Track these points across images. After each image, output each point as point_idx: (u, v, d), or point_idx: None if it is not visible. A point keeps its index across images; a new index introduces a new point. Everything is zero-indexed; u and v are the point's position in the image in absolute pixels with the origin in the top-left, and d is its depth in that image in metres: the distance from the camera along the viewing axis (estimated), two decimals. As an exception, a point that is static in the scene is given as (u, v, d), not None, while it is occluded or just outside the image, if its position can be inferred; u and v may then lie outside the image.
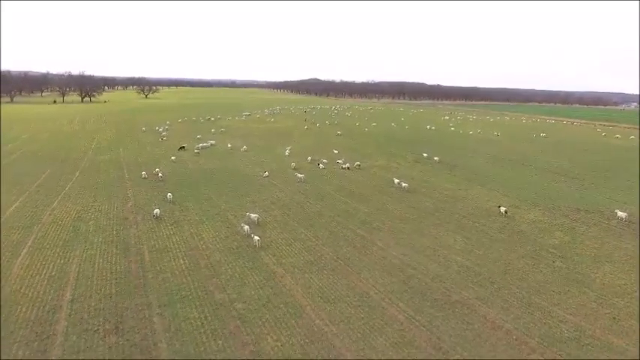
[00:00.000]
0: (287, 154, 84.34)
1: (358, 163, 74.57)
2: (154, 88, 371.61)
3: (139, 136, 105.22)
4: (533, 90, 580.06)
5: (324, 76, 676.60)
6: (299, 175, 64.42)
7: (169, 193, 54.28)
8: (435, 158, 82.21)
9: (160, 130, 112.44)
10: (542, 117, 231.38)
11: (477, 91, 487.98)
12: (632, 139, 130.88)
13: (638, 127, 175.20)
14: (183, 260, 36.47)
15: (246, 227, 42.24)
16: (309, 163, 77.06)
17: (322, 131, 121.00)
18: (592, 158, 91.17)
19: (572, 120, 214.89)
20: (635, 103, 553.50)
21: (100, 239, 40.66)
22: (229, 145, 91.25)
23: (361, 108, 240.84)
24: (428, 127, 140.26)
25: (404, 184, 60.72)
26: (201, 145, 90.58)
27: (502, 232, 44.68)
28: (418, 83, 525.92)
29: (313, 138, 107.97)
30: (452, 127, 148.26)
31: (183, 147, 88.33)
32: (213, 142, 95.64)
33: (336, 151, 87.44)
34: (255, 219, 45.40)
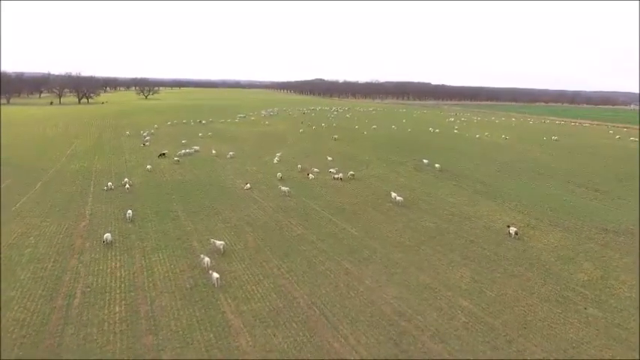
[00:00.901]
0: (276, 161, 76.91)
1: (352, 172, 66.97)
2: (155, 88, 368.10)
3: (120, 142, 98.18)
4: (540, 90, 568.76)
5: (329, 76, 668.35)
6: (284, 188, 56.96)
7: (130, 211, 47.06)
8: (437, 165, 74.51)
9: (145, 134, 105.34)
10: (550, 118, 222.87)
11: (483, 91, 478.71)
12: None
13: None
14: (120, 306, 29.10)
15: (206, 260, 34.83)
16: (298, 172, 69.60)
17: (318, 135, 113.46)
18: (611, 165, 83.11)
19: (581, 121, 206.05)
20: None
21: (29, 275, 33.38)
22: (214, 152, 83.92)
23: (362, 109, 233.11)
24: (431, 129, 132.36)
25: (399, 198, 53.18)
26: (183, 151, 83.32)
27: (518, 262, 36.98)
28: (423, 83, 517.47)
29: (307, 143, 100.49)
30: (456, 129, 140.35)
31: (164, 154, 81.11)
32: (197, 148, 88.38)
33: (330, 158, 79.93)
34: (221, 247, 38.00)
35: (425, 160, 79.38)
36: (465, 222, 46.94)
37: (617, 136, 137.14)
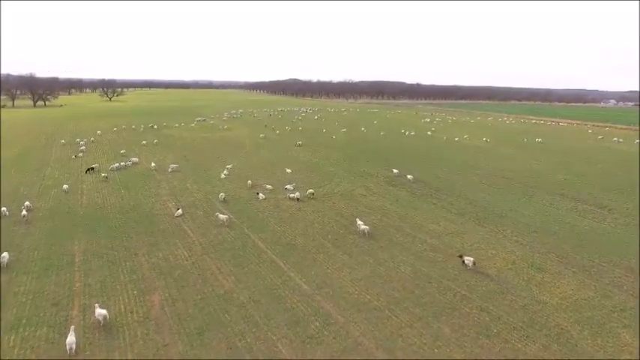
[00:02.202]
0: (224, 175, 64.66)
1: (311, 190, 55.29)
2: (119, 90, 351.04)
3: (51, 152, 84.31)
4: (513, 88, 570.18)
5: (305, 76, 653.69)
6: (222, 216, 44.84)
7: (5, 254, 34.54)
8: (409, 177, 63.77)
9: (81, 143, 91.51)
10: (527, 117, 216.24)
11: (458, 90, 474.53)
12: (637, 143, 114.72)
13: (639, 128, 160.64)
14: None
15: (70, 344, 22.95)
16: (248, 189, 57.69)
17: (280, 141, 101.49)
18: (608, 173, 73.90)
19: (558, 120, 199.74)
20: (613, 100, 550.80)
21: None
22: (153, 164, 71.06)
23: (334, 109, 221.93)
24: (406, 132, 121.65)
25: (364, 228, 41.95)
26: (117, 165, 70.23)
27: (532, 335, 25.94)
28: (397, 82, 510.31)
29: (266, 151, 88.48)
30: (433, 130, 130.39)
31: (92, 168, 67.88)
32: (135, 159, 75.37)
33: (289, 171, 68.23)
34: (101, 317, 25.95)
35: (395, 170, 68.58)
36: (452, 262, 35.85)
37: (600, 137, 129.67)
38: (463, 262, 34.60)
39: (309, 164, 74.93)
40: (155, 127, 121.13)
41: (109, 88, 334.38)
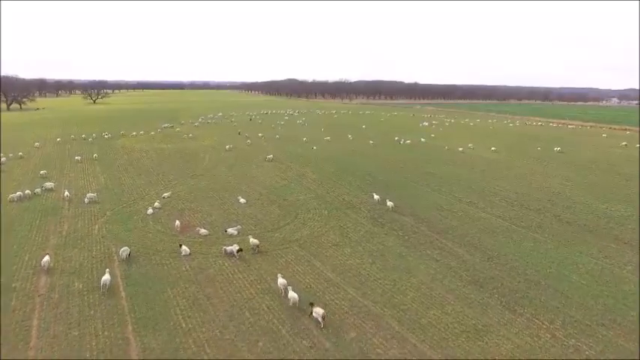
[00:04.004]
0: (151, 210, 47.78)
1: (256, 241, 37.97)
2: (104, 92, 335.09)
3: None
4: (512, 87, 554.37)
5: (304, 76, 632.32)
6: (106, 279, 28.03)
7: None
8: (389, 203, 47.14)
9: (3, 159, 74.45)
10: (531, 118, 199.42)
11: (456, 89, 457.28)
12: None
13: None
14: None
15: None
16: (174, 234, 40.89)
17: (249, 153, 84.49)
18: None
19: (565, 122, 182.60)
20: (615, 99, 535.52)
21: None
22: (67, 194, 54.08)
23: (325, 111, 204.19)
24: (401, 140, 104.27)
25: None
26: (19, 194, 53.23)
27: None
28: (395, 82, 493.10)
29: (227, 168, 71.51)
30: (432, 137, 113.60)
31: (-18, 200, 51.08)
32: (50, 185, 58.36)
33: (243, 201, 51.52)
34: None
35: (375, 196, 52.18)
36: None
37: (623, 143, 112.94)
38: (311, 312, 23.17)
39: (273, 189, 58.04)
40: (108, 136, 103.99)
41: (94, 89, 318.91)
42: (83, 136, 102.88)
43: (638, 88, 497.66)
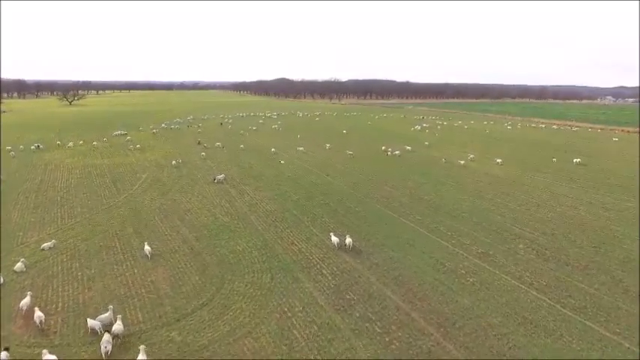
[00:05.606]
0: (2, 280, 31.07)
1: (144, 347, 21.79)
2: (80, 93, 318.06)
3: None
4: (505, 85, 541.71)
5: (294, 75, 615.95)
6: None
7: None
8: (347, 240, 30.95)
9: None
10: (532, 119, 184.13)
11: (448, 88, 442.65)
12: None
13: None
14: None
15: None
16: (31, 339, 24.25)
17: (197, 172, 67.32)
18: None
19: (571, 123, 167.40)
20: (610, 97, 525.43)
21: None
22: None
23: (307, 114, 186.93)
24: (388, 151, 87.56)
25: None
26: None
27: None
28: (386, 80, 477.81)
29: (157, 195, 54.57)
30: (426, 145, 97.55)
31: None
32: None
33: (149, 253, 34.95)
34: None
35: (334, 239, 36.56)
36: None
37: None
38: None
39: (205, 231, 41.43)
40: (40, 147, 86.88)
41: (70, 91, 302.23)
42: (8, 147, 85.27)
43: (629, 85, 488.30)
